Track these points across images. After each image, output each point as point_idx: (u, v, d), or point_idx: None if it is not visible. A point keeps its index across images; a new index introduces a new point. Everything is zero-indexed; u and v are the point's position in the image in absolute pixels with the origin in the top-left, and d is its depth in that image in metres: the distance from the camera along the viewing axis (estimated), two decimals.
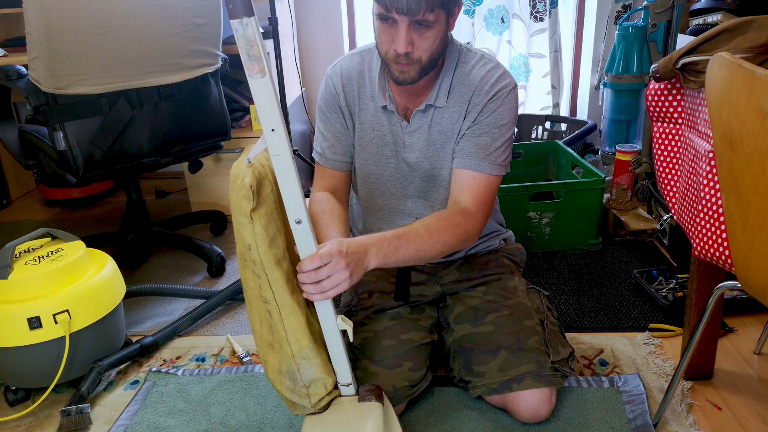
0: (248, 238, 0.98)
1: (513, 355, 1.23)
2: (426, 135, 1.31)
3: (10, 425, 1.36)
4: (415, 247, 1.14)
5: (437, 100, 1.28)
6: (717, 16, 1.87)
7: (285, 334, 1.03)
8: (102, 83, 1.66)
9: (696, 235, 1.12)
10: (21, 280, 1.34)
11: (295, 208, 0.97)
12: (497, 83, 1.27)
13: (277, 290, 1.01)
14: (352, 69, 1.34)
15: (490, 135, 1.27)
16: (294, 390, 1.09)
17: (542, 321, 1.31)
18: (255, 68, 0.87)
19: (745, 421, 1.25)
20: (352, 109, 1.35)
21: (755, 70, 0.80)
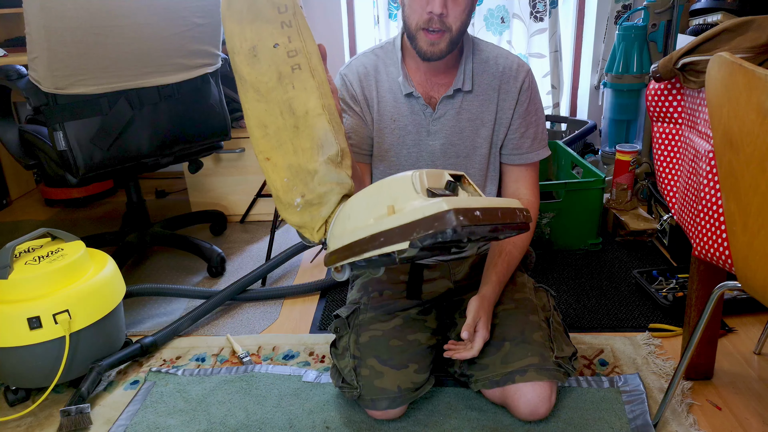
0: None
1: (517, 347, 1.23)
2: (453, 122, 1.34)
3: (10, 425, 1.36)
4: (513, 269, 1.35)
5: (464, 83, 1.32)
6: (717, 16, 1.87)
7: (316, 84, 1.04)
8: (102, 83, 1.66)
9: (696, 235, 1.12)
10: (21, 280, 1.34)
11: None
12: (520, 70, 1.35)
13: (308, 38, 1.05)
14: (368, 65, 1.37)
15: (535, 123, 1.38)
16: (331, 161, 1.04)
17: (548, 318, 1.32)
18: None
19: (745, 421, 1.25)
20: (371, 104, 1.36)
21: (755, 70, 0.80)
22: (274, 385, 1.42)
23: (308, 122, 1.05)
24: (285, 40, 1.04)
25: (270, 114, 1.07)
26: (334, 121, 1.06)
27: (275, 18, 1.04)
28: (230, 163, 2.40)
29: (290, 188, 1.06)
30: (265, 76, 1.05)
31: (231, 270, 2.06)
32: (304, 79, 1.04)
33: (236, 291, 1.82)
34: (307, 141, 1.05)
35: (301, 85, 1.04)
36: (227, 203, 2.47)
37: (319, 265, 2.09)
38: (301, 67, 1.04)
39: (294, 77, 1.05)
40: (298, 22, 1.04)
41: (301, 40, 1.04)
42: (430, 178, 0.92)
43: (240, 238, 2.32)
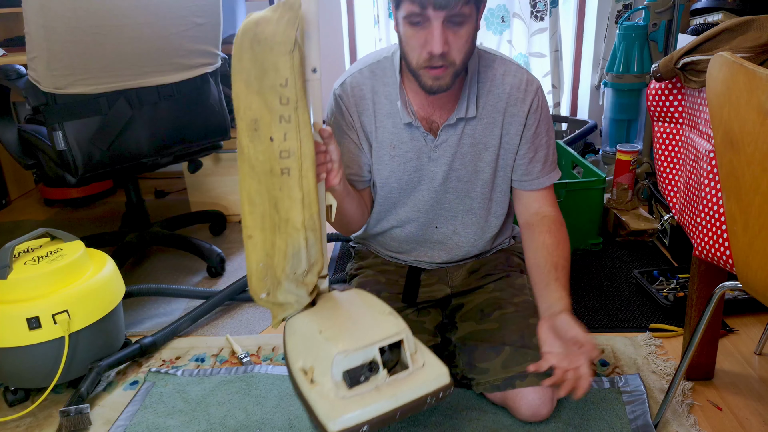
0: (286, 70, 0.93)
1: (517, 351, 1.23)
2: (454, 148, 1.28)
3: (9, 425, 1.35)
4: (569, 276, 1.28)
5: (468, 110, 1.24)
6: (717, 15, 1.87)
7: (301, 196, 0.98)
8: (101, 83, 1.66)
9: (697, 235, 1.12)
10: (20, 280, 1.34)
11: (314, 55, 0.97)
12: (528, 90, 1.27)
13: (305, 136, 0.97)
14: (365, 86, 1.28)
15: (545, 146, 1.32)
16: (294, 278, 1.03)
17: None
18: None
19: (746, 421, 1.25)
20: (368, 129, 1.30)
21: (756, 70, 0.80)
22: (274, 386, 1.42)
23: (287, 230, 1.00)
24: (280, 135, 0.96)
25: (260, 195, 1.02)
26: (312, 236, 1.01)
27: (276, 108, 0.96)
28: (230, 162, 2.40)
29: (261, 278, 1.04)
30: (260, 157, 0.99)
31: (230, 270, 2.06)
32: (291, 187, 0.98)
33: (236, 291, 1.81)
34: (282, 243, 1.01)
35: (287, 192, 0.98)
36: (227, 203, 2.46)
37: None
38: (291, 173, 0.97)
39: (282, 181, 0.98)
40: (299, 118, 0.95)
41: (297, 140, 0.96)
42: (353, 359, 0.96)
43: (240, 238, 2.32)
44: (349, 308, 1.04)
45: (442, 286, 1.42)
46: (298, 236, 1.00)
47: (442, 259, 1.42)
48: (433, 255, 1.41)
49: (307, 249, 1.01)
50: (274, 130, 0.96)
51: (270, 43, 0.92)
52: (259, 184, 1.01)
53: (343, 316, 1.03)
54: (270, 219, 1.01)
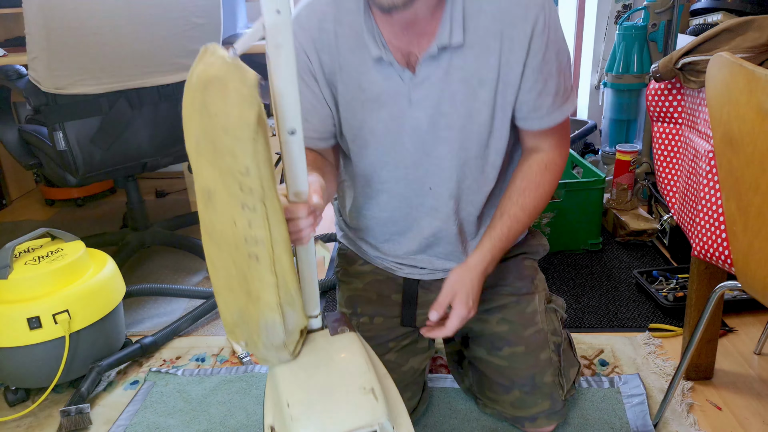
0: (246, 159, 0.73)
1: (527, 395, 1.18)
2: (441, 85, 1.01)
3: (9, 425, 1.36)
4: (517, 235, 1.10)
5: (452, 35, 0.98)
6: (717, 16, 1.87)
7: (275, 280, 0.82)
8: (102, 83, 1.66)
9: (696, 235, 1.12)
10: (21, 280, 1.34)
11: (291, 115, 0.78)
12: (530, 5, 0.98)
13: (276, 224, 0.78)
14: (325, 16, 1.03)
15: (556, 73, 1.04)
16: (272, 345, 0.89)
17: (558, 345, 1.22)
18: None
19: (746, 421, 1.25)
20: (331, 70, 1.05)
21: (755, 70, 0.80)
22: None
23: (258, 305, 0.84)
24: (245, 223, 0.77)
25: (221, 260, 0.85)
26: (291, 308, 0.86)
27: (236, 193, 0.75)
28: None
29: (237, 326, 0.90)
30: (217, 227, 0.81)
31: None
32: (262, 272, 0.81)
33: None
34: (255, 311, 0.85)
35: (257, 275, 0.81)
36: None
37: (318, 265, 2.08)
38: (260, 260, 0.80)
39: (249, 265, 0.81)
40: (266, 208, 0.76)
41: (266, 229, 0.77)
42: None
43: None
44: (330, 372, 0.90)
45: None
46: (272, 314, 0.84)
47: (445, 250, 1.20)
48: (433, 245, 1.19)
49: (284, 323, 0.86)
50: (236, 215, 0.77)
51: (223, 124, 0.72)
52: (220, 251, 0.84)
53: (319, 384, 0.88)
54: (239, 284, 0.85)
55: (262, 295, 0.83)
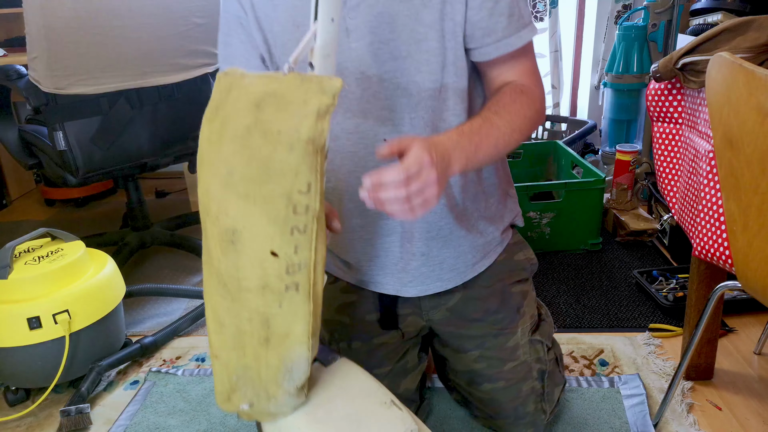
0: (311, 174, 0.69)
1: (511, 425, 1.16)
2: (378, 8, 0.91)
3: (9, 425, 1.36)
4: (494, 143, 0.89)
5: None
6: (717, 16, 1.87)
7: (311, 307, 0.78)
8: (102, 83, 1.66)
9: (696, 235, 1.12)
10: (21, 280, 1.34)
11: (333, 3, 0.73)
12: None
13: (320, 244, 0.75)
14: None
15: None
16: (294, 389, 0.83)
17: (543, 372, 1.17)
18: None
19: (746, 421, 1.25)
20: (264, 13, 0.97)
21: (755, 70, 0.80)
22: None
23: (285, 344, 0.80)
24: (290, 250, 0.73)
25: (233, 315, 0.80)
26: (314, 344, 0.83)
27: (285, 218, 0.72)
28: None
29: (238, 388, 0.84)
30: (239, 273, 0.76)
31: None
32: (298, 303, 0.77)
33: None
34: (274, 358, 0.81)
35: (291, 308, 0.77)
36: None
37: None
38: (299, 288, 0.76)
39: (285, 297, 0.76)
40: (315, 227, 0.73)
41: (311, 250, 0.74)
42: None
43: None
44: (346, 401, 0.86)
45: (417, 319, 1.17)
46: (302, 349, 0.81)
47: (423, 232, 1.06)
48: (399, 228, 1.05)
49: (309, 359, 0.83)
50: (279, 244, 0.73)
51: (289, 141, 0.68)
52: (233, 302, 0.79)
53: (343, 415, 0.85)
54: (251, 339, 0.80)
55: (293, 330, 0.79)
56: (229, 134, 0.71)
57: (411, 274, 1.10)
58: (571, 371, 1.43)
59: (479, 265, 1.14)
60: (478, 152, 0.87)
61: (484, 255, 1.14)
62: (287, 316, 0.78)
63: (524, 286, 1.19)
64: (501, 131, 0.91)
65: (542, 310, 1.25)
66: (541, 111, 0.99)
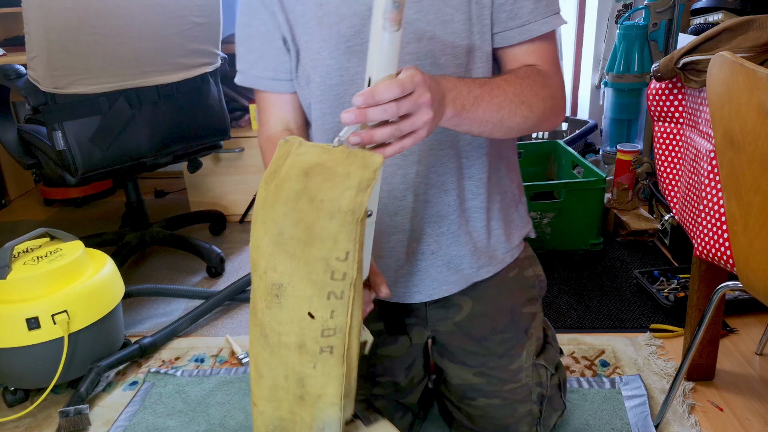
0: (349, 243, 0.72)
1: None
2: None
3: (8, 426, 1.35)
4: (497, 104, 0.84)
5: None
6: (718, 15, 1.87)
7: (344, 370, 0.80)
8: (101, 83, 1.65)
9: (697, 235, 1.12)
10: (19, 280, 1.34)
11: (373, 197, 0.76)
12: None
13: (356, 310, 0.77)
14: None
15: None
16: None
17: (542, 396, 1.12)
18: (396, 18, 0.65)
19: (747, 422, 1.25)
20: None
21: (756, 70, 0.79)
22: None
23: (317, 404, 0.82)
24: (326, 314, 0.76)
25: (271, 368, 0.83)
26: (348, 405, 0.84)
27: (323, 282, 0.74)
28: (230, 162, 2.40)
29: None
30: (280, 327, 0.79)
31: (230, 270, 2.05)
32: (332, 366, 0.79)
33: (235, 291, 1.81)
34: (308, 416, 0.83)
35: (324, 370, 0.80)
36: (226, 203, 2.46)
37: None
38: (333, 352, 0.78)
39: (319, 359, 0.79)
40: (353, 293, 0.75)
41: (347, 316, 0.76)
42: None
43: (239, 238, 2.32)
44: None
45: (422, 332, 1.14)
46: (333, 410, 0.82)
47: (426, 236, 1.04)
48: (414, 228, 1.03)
49: (342, 418, 0.84)
50: (316, 307, 0.76)
51: (330, 209, 0.71)
52: (272, 356, 0.82)
53: None
54: (286, 392, 0.83)
55: (326, 392, 0.81)
56: (282, 197, 0.74)
57: (418, 276, 1.07)
58: (572, 372, 1.42)
59: (485, 270, 1.09)
60: (476, 106, 0.82)
61: (490, 259, 1.09)
62: (320, 377, 0.80)
63: (534, 308, 1.14)
64: (507, 97, 0.86)
65: (549, 332, 1.21)
66: (557, 98, 0.94)
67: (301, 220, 0.73)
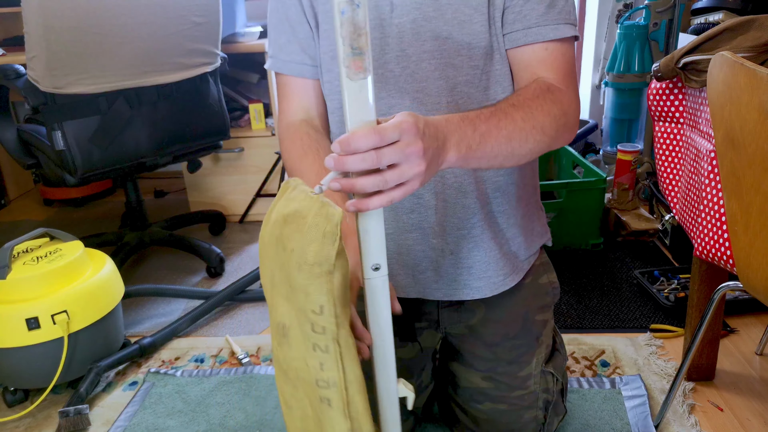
0: (321, 296, 0.70)
1: None
2: None
3: (8, 426, 1.35)
4: (506, 135, 0.79)
5: None
6: (718, 15, 1.87)
7: (349, 425, 0.77)
8: (100, 82, 1.65)
9: (697, 235, 1.11)
10: (19, 280, 1.34)
11: (375, 250, 0.73)
12: None
13: (349, 363, 0.74)
14: None
15: None
16: None
17: (548, 402, 1.12)
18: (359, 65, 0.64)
19: (747, 422, 1.25)
20: None
21: (757, 70, 0.79)
22: (274, 387, 1.42)
23: None
24: (316, 364, 0.74)
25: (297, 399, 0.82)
26: None
27: (306, 333, 0.73)
28: (229, 162, 2.39)
29: None
30: (294, 363, 0.78)
31: (230, 270, 2.05)
32: (333, 418, 0.76)
33: (235, 291, 1.81)
34: None
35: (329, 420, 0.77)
36: (226, 203, 2.46)
37: None
38: (332, 405, 0.75)
39: (321, 409, 0.77)
40: (339, 347, 0.72)
41: (338, 370, 0.73)
42: None
43: (239, 238, 2.32)
44: None
45: (433, 334, 1.13)
46: None
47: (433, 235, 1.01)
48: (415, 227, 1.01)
49: None
50: (306, 357, 0.74)
51: (298, 260, 0.69)
52: (295, 389, 0.81)
53: None
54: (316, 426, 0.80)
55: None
56: (267, 240, 0.74)
57: (439, 273, 1.04)
58: (572, 372, 1.42)
59: (510, 278, 1.06)
60: (484, 143, 0.77)
61: (513, 268, 1.07)
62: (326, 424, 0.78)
63: (546, 315, 1.13)
64: (517, 124, 0.81)
65: (557, 338, 1.20)
66: (569, 113, 0.90)
67: (283, 267, 0.71)
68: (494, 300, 1.07)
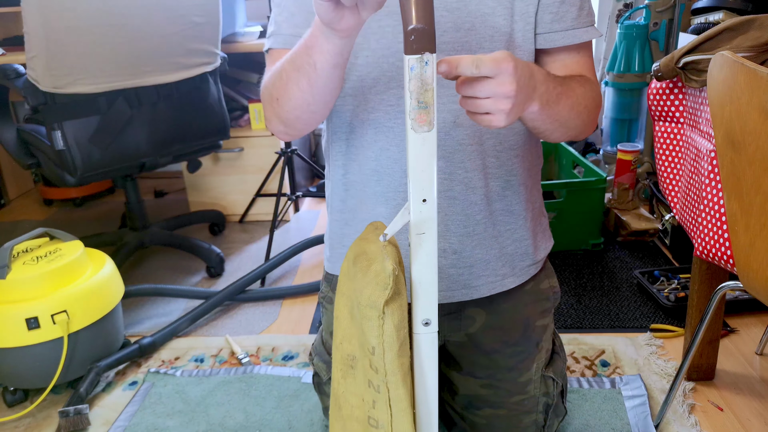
0: (374, 338, 0.73)
1: None
2: None
3: (8, 426, 1.35)
4: (570, 104, 0.84)
5: None
6: (719, 14, 1.87)
7: None
8: (100, 82, 1.65)
9: (698, 235, 1.11)
10: (19, 280, 1.34)
11: (428, 304, 0.75)
12: None
13: (398, 413, 0.75)
14: None
15: None
16: None
17: (548, 405, 1.11)
18: (424, 118, 0.66)
19: (747, 422, 1.24)
20: None
21: (757, 70, 0.79)
22: (273, 387, 1.42)
23: None
24: (369, 400, 0.76)
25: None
26: None
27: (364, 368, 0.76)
28: (229, 162, 2.39)
29: None
30: (352, 399, 0.80)
31: (230, 270, 2.05)
32: None
33: (235, 291, 1.81)
34: None
35: None
36: (226, 203, 2.46)
37: (318, 266, 2.08)
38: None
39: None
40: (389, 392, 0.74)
41: (387, 414, 0.75)
42: None
43: (239, 238, 2.32)
44: None
45: None
46: None
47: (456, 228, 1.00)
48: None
49: None
50: (364, 391, 0.77)
51: (359, 299, 0.73)
52: (344, 429, 0.83)
53: None
54: None
55: None
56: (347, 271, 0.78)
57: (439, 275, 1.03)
58: (572, 372, 1.42)
59: (509, 280, 1.06)
60: (557, 104, 0.80)
61: (513, 269, 1.06)
62: None
63: (546, 320, 1.12)
64: (577, 99, 0.85)
65: (557, 341, 1.18)
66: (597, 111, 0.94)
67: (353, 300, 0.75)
68: (494, 306, 1.07)
